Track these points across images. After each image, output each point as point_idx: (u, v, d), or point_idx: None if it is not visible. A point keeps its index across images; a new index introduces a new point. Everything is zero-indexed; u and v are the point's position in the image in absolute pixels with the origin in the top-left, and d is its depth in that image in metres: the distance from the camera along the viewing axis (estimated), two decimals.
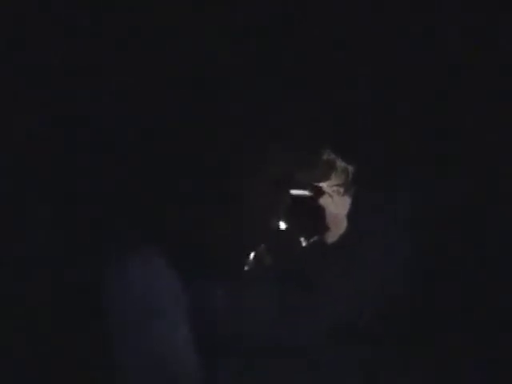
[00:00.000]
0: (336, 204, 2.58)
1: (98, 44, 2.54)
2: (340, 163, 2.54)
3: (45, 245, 2.41)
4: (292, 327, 2.41)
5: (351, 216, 2.52)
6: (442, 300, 2.41)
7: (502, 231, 2.46)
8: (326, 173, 2.55)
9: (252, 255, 2.51)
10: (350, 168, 2.52)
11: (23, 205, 2.43)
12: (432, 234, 2.47)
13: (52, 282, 2.39)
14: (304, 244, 2.60)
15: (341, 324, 2.39)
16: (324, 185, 2.59)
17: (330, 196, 2.60)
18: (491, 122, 2.55)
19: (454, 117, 2.57)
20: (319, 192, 2.62)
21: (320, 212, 2.61)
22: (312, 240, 2.59)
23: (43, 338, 2.34)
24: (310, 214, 2.62)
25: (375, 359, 2.35)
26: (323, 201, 2.62)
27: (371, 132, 2.58)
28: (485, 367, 2.31)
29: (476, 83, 2.56)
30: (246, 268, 2.50)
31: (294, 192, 2.59)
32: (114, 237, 2.37)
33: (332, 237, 2.55)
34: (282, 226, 2.59)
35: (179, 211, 2.45)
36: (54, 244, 2.42)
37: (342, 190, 2.55)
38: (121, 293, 2.24)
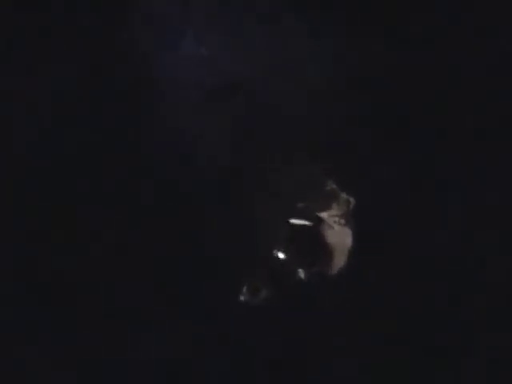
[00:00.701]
0: (337, 235, 2.54)
1: (97, 43, 2.54)
2: (341, 194, 2.51)
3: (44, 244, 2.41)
4: None
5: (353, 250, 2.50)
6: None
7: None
8: (327, 203, 2.52)
9: (246, 287, 2.45)
10: (352, 199, 2.49)
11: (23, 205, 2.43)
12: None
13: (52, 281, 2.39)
14: (302, 275, 2.52)
15: None
16: (325, 215, 2.54)
17: (331, 227, 2.56)
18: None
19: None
20: (320, 222, 2.56)
21: (320, 242, 2.55)
22: (311, 271, 2.53)
23: (43, 337, 2.34)
24: (310, 244, 2.56)
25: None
26: (324, 231, 2.56)
27: (373, 164, 2.57)
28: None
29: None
30: (241, 299, 2.45)
31: (294, 221, 2.54)
32: None
33: (332, 268, 2.51)
34: (281, 255, 2.51)
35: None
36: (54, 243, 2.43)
37: (343, 221, 2.52)
38: None
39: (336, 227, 2.53)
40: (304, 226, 2.54)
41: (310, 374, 2.39)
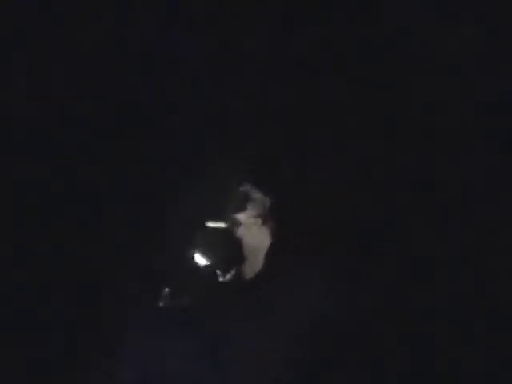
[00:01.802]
0: (253, 236, 2.52)
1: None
2: (256, 194, 2.49)
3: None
4: None
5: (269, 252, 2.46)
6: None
7: None
8: (242, 204, 2.50)
9: (167, 290, 2.44)
10: (268, 199, 2.47)
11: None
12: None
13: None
14: (220, 278, 2.51)
15: None
16: (241, 216, 2.53)
17: (248, 228, 2.53)
18: None
19: None
20: (236, 223, 2.54)
21: (237, 244, 2.54)
22: (229, 274, 2.52)
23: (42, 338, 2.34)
24: (227, 247, 2.53)
25: None
26: (240, 232, 2.54)
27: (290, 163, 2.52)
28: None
29: None
30: (160, 304, 2.43)
31: (210, 224, 2.52)
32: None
33: (249, 270, 2.49)
34: (199, 259, 2.49)
35: None
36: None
37: (259, 221, 2.50)
38: None
39: (253, 228, 2.52)
40: (220, 228, 2.52)
41: None
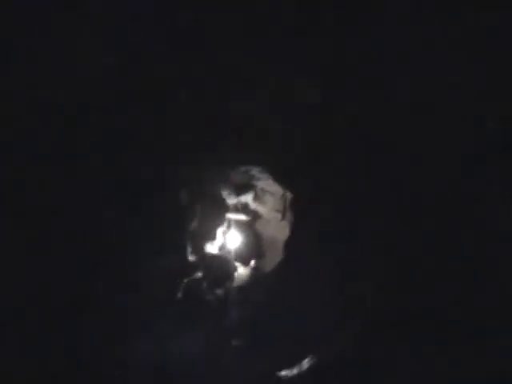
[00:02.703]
0: (273, 230, 2.54)
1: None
2: (277, 189, 2.51)
3: None
4: None
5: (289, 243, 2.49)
6: None
7: None
8: (264, 198, 2.51)
9: (185, 282, 2.44)
10: (289, 194, 2.48)
11: None
12: None
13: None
14: (240, 269, 2.50)
15: None
16: (262, 209, 2.56)
17: (267, 221, 2.57)
18: None
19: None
20: (256, 216, 2.58)
21: (256, 237, 2.56)
22: (248, 266, 2.53)
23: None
24: (247, 239, 2.55)
25: None
26: (260, 225, 2.60)
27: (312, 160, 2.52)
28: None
29: None
30: (179, 296, 2.44)
31: (230, 215, 2.54)
32: None
33: (268, 263, 2.50)
34: (218, 250, 2.49)
35: None
36: None
37: (279, 215, 2.52)
38: None
39: (272, 222, 2.55)
40: (240, 220, 2.54)
41: None
